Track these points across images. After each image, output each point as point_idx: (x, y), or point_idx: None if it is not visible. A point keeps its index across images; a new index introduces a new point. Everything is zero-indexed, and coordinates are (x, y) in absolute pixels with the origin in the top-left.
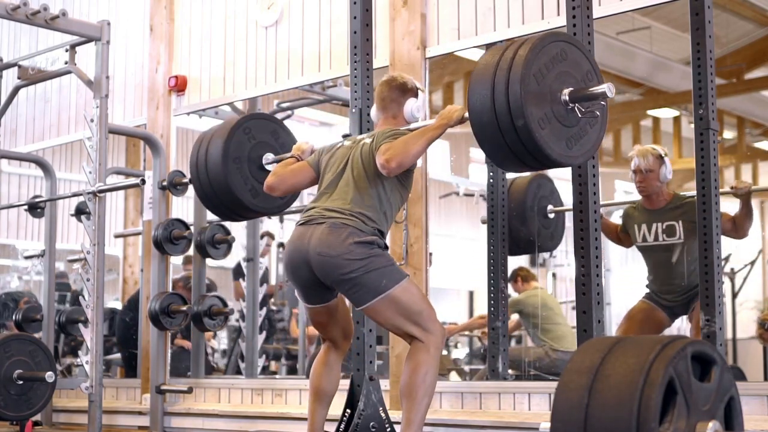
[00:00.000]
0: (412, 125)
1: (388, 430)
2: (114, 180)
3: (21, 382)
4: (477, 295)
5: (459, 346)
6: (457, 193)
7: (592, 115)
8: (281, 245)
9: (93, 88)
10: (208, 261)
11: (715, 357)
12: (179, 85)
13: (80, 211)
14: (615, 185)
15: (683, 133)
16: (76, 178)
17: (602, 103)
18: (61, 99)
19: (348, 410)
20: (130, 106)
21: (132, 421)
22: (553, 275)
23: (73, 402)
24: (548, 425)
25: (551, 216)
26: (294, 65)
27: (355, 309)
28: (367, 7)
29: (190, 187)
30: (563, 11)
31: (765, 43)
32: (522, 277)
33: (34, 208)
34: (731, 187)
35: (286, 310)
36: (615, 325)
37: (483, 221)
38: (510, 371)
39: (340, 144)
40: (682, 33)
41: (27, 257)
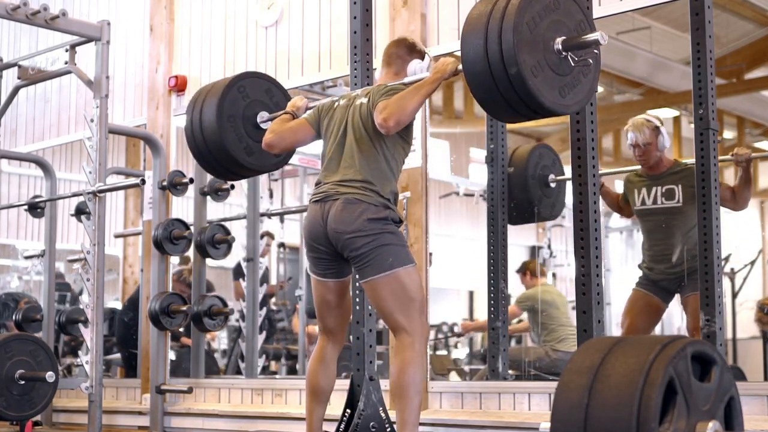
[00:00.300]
0: (406, 80)
1: (388, 430)
2: (114, 180)
3: (23, 382)
4: (477, 295)
5: (459, 346)
6: (457, 193)
7: (585, 63)
8: (281, 245)
9: (93, 88)
10: (208, 261)
11: (715, 357)
12: (179, 85)
13: (80, 211)
14: (615, 185)
15: (683, 133)
16: (76, 178)
17: (595, 51)
18: (61, 99)
19: (348, 410)
20: (130, 106)
21: (132, 421)
22: (553, 275)
23: (73, 402)
24: (548, 425)
25: (552, 185)
26: (294, 65)
27: (358, 281)
28: (367, 7)
29: (191, 187)
30: None
31: (765, 43)
32: (531, 271)
33: (34, 208)
34: (731, 153)
35: (286, 310)
36: (615, 325)
37: (482, 195)
38: (510, 371)
39: (337, 104)
40: (682, 33)
41: (27, 257)
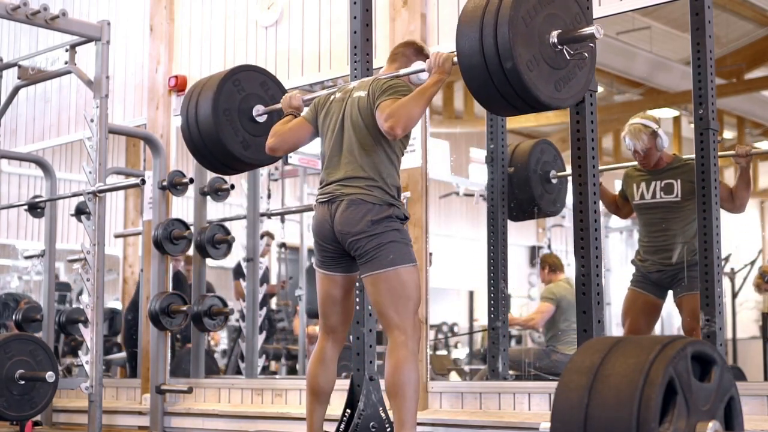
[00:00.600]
0: (401, 71)
1: (388, 430)
2: (114, 180)
3: (23, 382)
4: (477, 295)
5: (459, 346)
6: (457, 193)
7: (580, 57)
8: (281, 245)
9: (93, 88)
10: (208, 261)
11: (715, 357)
12: (179, 85)
13: (80, 211)
14: (615, 185)
15: (683, 133)
16: (76, 178)
17: (590, 45)
18: (61, 99)
19: (348, 410)
20: (130, 106)
21: (132, 421)
22: None
23: (73, 402)
24: (548, 425)
25: (554, 181)
26: (294, 65)
27: (359, 276)
28: (367, 7)
29: (191, 187)
30: None
31: (765, 43)
32: (550, 266)
33: (34, 208)
34: (732, 146)
35: (287, 311)
36: (615, 325)
37: (482, 195)
38: (510, 371)
39: (333, 97)
40: (682, 33)
41: (27, 257)
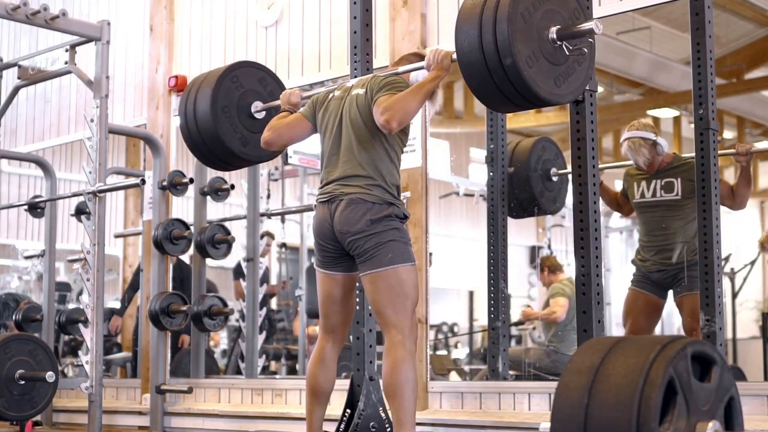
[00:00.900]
0: (400, 69)
1: (388, 430)
2: (114, 180)
3: (23, 382)
4: (477, 295)
5: (459, 346)
6: (457, 193)
7: (579, 52)
8: (282, 245)
9: (93, 88)
10: (208, 261)
11: (715, 357)
12: (179, 85)
13: (80, 211)
14: (615, 185)
15: (683, 133)
16: (76, 178)
17: (590, 40)
18: (61, 99)
19: (348, 410)
20: (130, 106)
21: (132, 421)
22: None
23: (73, 402)
24: (548, 425)
25: (555, 179)
26: (294, 65)
27: (358, 274)
28: (367, 7)
29: (191, 187)
30: None
31: (765, 43)
32: (549, 267)
33: (34, 208)
34: (732, 145)
35: (288, 311)
36: (615, 325)
37: (482, 195)
38: (510, 371)
39: (331, 95)
40: (682, 33)
41: (27, 257)
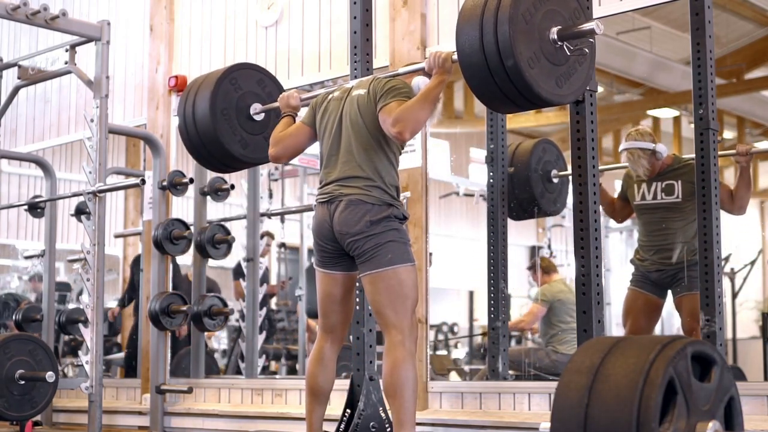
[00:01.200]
0: (401, 69)
1: (388, 430)
2: (114, 180)
3: (23, 382)
4: (477, 295)
5: (459, 346)
6: (457, 193)
7: (580, 52)
8: (282, 245)
9: (93, 88)
10: (208, 261)
11: (715, 357)
12: (179, 85)
13: (80, 211)
14: (615, 185)
15: (683, 133)
16: (76, 178)
17: (591, 41)
18: (61, 99)
19: (348, 410)
20: (130, 106)
21: (132, 421)
22: None
23: (73, 402)
24: (548, 425)
25: (555, 180)
26: (294, 65)
27: (358, 275)
28: (367, 7)
29: (191, 187)
30: None
31: (765, 43)
32: (543, 269)
33: (34, 208)
34: (732, 146)
35: (287, 311)
36: (615, 325)
37: (482, 195)
38: (510, 371)
39: (330, 96)
40: (682, 33)
41: (27, 257)
